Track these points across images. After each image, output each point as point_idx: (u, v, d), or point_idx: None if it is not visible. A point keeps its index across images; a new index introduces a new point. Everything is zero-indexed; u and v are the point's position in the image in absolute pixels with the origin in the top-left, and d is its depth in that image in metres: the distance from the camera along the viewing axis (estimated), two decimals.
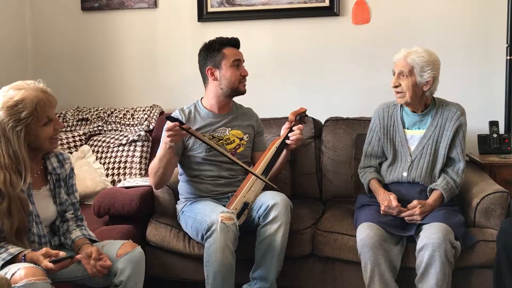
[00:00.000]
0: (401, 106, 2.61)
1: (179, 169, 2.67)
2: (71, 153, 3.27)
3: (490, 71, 3.24)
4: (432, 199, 2.45)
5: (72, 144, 3.34)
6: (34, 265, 1.78)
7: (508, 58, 3.08)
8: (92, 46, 3.70)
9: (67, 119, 3.50)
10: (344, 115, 3.16)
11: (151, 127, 3.37)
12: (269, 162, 2.56)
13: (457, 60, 3.24)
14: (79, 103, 3.63)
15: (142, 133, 3.27)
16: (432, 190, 2.48)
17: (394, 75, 2.53)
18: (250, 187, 2.49)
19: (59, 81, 3.68)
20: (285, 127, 2.58)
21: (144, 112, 3.46)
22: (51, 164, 2.08)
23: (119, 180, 3.13)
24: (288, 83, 3.50)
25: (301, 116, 2.61)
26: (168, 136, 2.31)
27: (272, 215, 2.37)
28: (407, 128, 2.60)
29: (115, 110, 3.52)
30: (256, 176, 2.49)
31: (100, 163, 3.24)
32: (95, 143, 3.33)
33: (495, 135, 3.05)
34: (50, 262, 1.80)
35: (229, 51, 2.57)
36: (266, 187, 2.55)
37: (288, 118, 2.61)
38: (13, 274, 1.72)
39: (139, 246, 2.08)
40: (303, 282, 2.59)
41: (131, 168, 3.17)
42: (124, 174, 3.16)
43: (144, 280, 2.10)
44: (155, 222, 2.68)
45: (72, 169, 2.16)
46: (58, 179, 2.09)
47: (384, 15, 3.34)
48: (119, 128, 3.45)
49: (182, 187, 2.66)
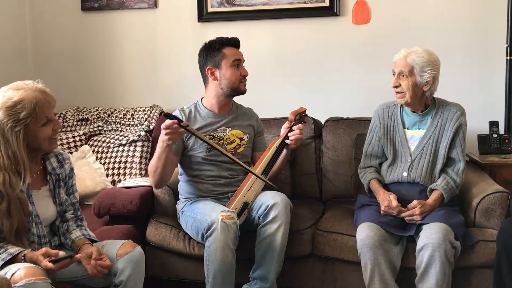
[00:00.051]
0: (401, 106, 2.61)
1: (179, 169, 2.67)
2: (71, 153, 3.27)
3: (490, 71, 3.24)
4: (432, 199, 2.45)
5: (72, 144, 3.34)
6: (34, 265, 1.78)
7: (508, 58, 3.08)
8: (92, 46, 3.70)
9: (67, 119, 3.50)
10: (344, 115, 3.16)
11: (151, 127, 3.37)
12: (269, 162, 2.56)
13: (457, 60, 3.24)
14: (79, 103, 3.63)
15: (142, 133, 3.27)
16: (432, 190, 2.48)
17: (394, 75, 2.53)
18: (250, 187, 2.49)
19: (59, 81, 3.70)
20: (285, 126, 2.58)
21: (144, 112, 3.46)
22: (51, 164, 2.08)
23: (119, 180, 3.13)
24: (288, 83, 3.50)
25: (300, 116, 2.61)
26: (166, 134, 2.30)
27: (272, 215, 2.37)
28: (407, 128, 2.60)
29: (115, 110, 3.52)
30: (256, 176, 2.49)
31: (100, 163, 3.24)
32: (95, 143, 3.33)
33: (495, 135, 3.05)
34: (49, 262, 1.80)
35: (229, 51, 2.58)
36: (266, 187, 2.55)
37: (288, 118, 2.61)
38: (13, 274, 1.72)
39: (139, 246, 2.08)
40: (303, 282, 2.59)
41: (131, 168, 3.17)
42: (124, 174, 3.17)
43: (144, 280, 2.10)
44: (155, 222, 2.68)
45: (72, 169, 2.16)
46: (57, 179, 2.09)
47: (384, 15, 3.34)
48: (119, 128, 3.45)
49: (182, 187, 2.66)
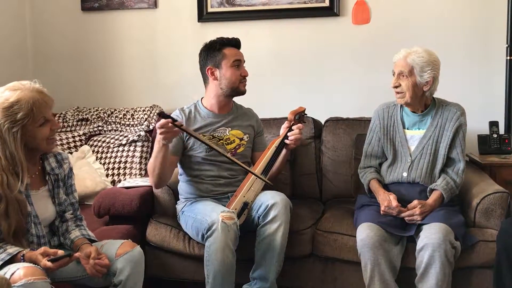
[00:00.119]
0: (401, 106, 2.61)
1: (179, 169, 2.66)
2: (71, 153, 3.27)
3: (490, 71, 3.24)
4: (432, 199, 2.44)
5: (72, 144, 3.34)
6: (33, 264, 1.78)
7: (508, 58, 3.08)
8: (92, 46, 3.70)
9: (67, 119, 3.50)
10: (344, 115, 3.16)
11: (151, 127, 3.37)
12: (268, 162, 2.56)
13: (457, 60, 3.24)
14: (79, 103, 3.63)
15: (142, 133, 3.27)
16: (432, 190, 2.48)
17: (394, 75, 2.52)
18: (250, 187, 2.49)
19: (59, 81, 3.70)
20: (284, 126, 2.58)
21: (144, 112, 3.46)
22: (49, 164, 2.08)
23: (119, 180, 3.13)
24: (288, 83, 3.50)
25: (300, 116, 2.61)
26: (160, 134, 2.29)
27: (271, 214, 2.37)
28: (407, 128, 2.60)
29: (115, 110, 3.52)
30: (255, 175, 2.48)
31: (100, 163, 3.24)
32: (95, 143, 3.33)
33: (495, 135, 3.05)
34: (48, 261, 1.79)
35: (229, 51, 2.58)
36: (266, 187, 2.55)
37: (287, 117, 2.61)
38: (12, 273, 1.72)
39: (138, 246, 2.08)
40: (303, 282, 2.59)
41: (131, 168, 3.17)
42: (124, 174, 3.16)
43: (144, 280, 2.09)
44: (155, 222, 2.68)
45: (71, 169, 2.15)
46: (56, 179, 2.09)
47: (384, 15, 3.34)
48: (119, 128, 3.45)
49: (182, 187, 2.66)
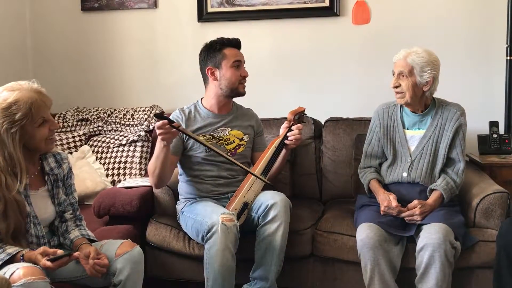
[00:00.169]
0: (401, 106, 2.61)
1: (179, 169, 2.66)
2: (71, 153, 3.27)
3: (490, 71, 3.24)
4: (432, 199, 2.44)
5: (72, 145, 3.34)
6: (33, 264, 1.78)
7: (508, 58, 3.07)
8: (92, 46, 3.70)
9: (67, 119, 3.50)
10: (344, 115, 3.16)
11: (151, 127, 3.36)
12: (268, 162, 2.56)
13: (457, 60, 3.23)
14: (79, 103, 3.63)
15: (142, 133, 3.27)
16: (432, 191, 2.47)
17: (394, 76, 2.52)
18: (250, 187, 2.49)
19: (59, 81, 3.70)
20: (284, 126, 2.58)
21: (144, 112, 3.46)
22: (49, 164, 2.07)
23: (119, 180, 3.13)
24: (288, 83, 3.50)
25: (300, 116, 2.61)
26: (159, 135, 2.30)
27: (271, 214, 2.37)
28: (407, 129, 2.60)
29: (115, 110, 3.52)
30: (254, 175, 2.48)
31: (100, 163, 3.23)
32: (95, 143, 3.33)
33: (495, 135, 3.05)
34: (48, 261, 1.79)
35: (229, 52, 2.58)
36: (266, 187, 2.54)
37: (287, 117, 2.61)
38: (12, 273, 1.71)
39: (138, 246, 2.07)
40: (303, 282, 2.59)
41: (131, 168, 3.17)
42: (124, 175, 3.16)
43: (144, 280, 2.09)
44: (155, 222, 2.68)
45: (70, 169, 2.15)
46: (56, 179, 2.09)
47: (384, 16, 3.34)
48: (119, 129, 3.45)
49: (182, 187, 2.66)
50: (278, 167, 2.64)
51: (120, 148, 3.25)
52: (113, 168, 3.20)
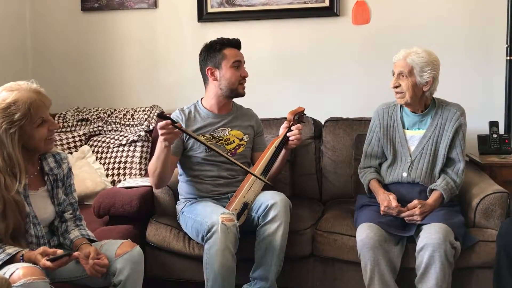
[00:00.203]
0: (401, 106, 2.61)
1: (179, 169, 2.66)
2: (71, 153, 3.27)
3: (490, 71, 3.24)
4: (432, 199, 2.44)
5: (72, 145, 3.34)
6: (33, 264, 1.78)
7: (508, 58, 3.07)
8: (92, 46, 3.70)
9: (67, 119, 3.50)
10: (344, 115, 3.16)
11: (151, 127, 3.37)
12: (268, 162, 2.56)
13: (457, 60, 3.23)
14: (79, 103, 3.63)
15: (142, 133, 3.27)
16: (432, 191, 2.47)
17: (393, 76, 2.52)
18: (249, 187, 2.49)
19: (59, 81, 3.70)
20: (283, 126, 2.58)
21: (144, 112, 3.46)
22: (48, 164, 2.07)
23: (119, 181, 3.13)
24: (288, 83, 3.50)
25: (299, 116, 2.61)
26: (161, 135, 2.30)
27: (271, 214, 2.37)
28: (407, 129, 2.60)
29: (115, 110, 3.52)
30: (254, 176, 2.48)
31: (100, 163, 3.24)
32: (95, 144, 3.33)
33: (495, 136, 3.05)
34: (48, 261, 1.79)
35: (229, 52, 2.58)
36: (266, 187, 2.54)
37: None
38: (11, 274, 1.71)
39: (138, 246, 2.07)
40: (303, 282, 2.59)
41: (131, 168, 3.17)
42: (124, 175, 3.16)
43: (144, 280, 2.09)
44: (155, 222, 2.68)
45: (70, 169, 2.15)
46: (55, 180, 2.08)
47: (384, 16, 3.34)
48: (119, 129, 3.45)
49: (182, 187, 2.66)
50: (278, 167, 2.64)
51: (120, 148, 3.25)
52: (113, 168, 3.20)
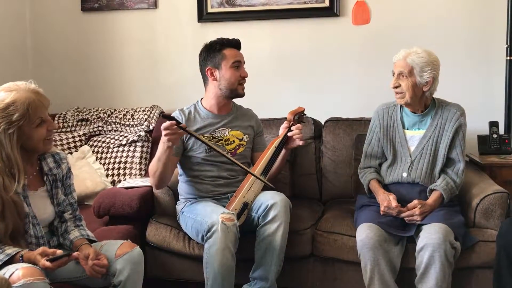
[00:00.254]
0: (400, 106, 2.61)
1: (179, 169, 2.66)
2: (71, 153, 3.27)
3: (490, 72, 3.23)
4: (432, 199, 2.44)
5: (72, 145, 3.34)
6: (32, 265, 1.77)
7: (508, 58, 3.07)
8: (92, 46, 3.70)
9: (67, 119, 3.50)
10: (344, 116, 3.16)
11: (151, 127, 3.37)
12: (268, 162, 2.56)
13: (457, 60, 3.23)
14: (79, 103, 3.63)
15: (142, 133, 3.27)
16: (432, 191, 2.47)
17: (393, 76, 2.52)
18: (249, 187, 2.49)
19: (59, 81, 3.70)
20: (283, 126, 2.58)
21: (144, 112, 3.46)
22: (47, 164, 2.07)
23: (119, 181, 3.13)
24: (288, 84, 3.50)
25: (299, 116, 2.62)
26: (165, 135, 2.30)
27: (271, 214, 2.37)
28: (407, 129, 2.60)
29: (115, 110, 3.52)
30: (254, 176, 2.48)
31: (100, 163, 3.24)
32: (95, 144, 3.33)
33: (495, 136, 3.05)
34: (47, 261, 1.79)
35: (229, 52, 2.58)
36: (266, 187, 2.54)
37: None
38: (11, 274, 1.71)
39: (138, 246, 2.07)
40: (303, 282, 2.59)
41: (131, 168, 3.17)
42: (124, 175, 3.16)
43: (144, 281, 2.09)
44: (155, 222, 2.68)
45: (69, 169, 2.14)
46: (55, 180, 2.08)
47: (384, 16, 3.34)
48: (119, 129, 3.45)
49: (181, 187, 2.66)
50: (277, 167, 2.64)
51: (120, 148, 3.25)
52: (113, 168, 3.20)
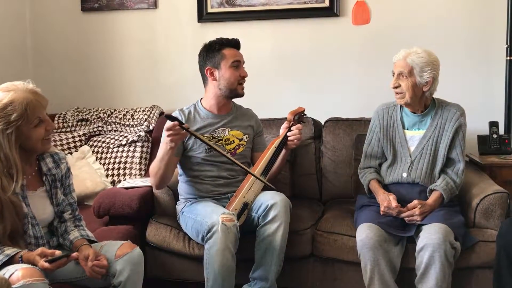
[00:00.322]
0: (400, 106, 2.61)
1: (179, 169, 2.66)
2: (71, 153, 3.27)
3: (490, 72, 3.23)
4: (432, 199, 2.44)
5: (72, 145, 3.34)
6: (32, 265, 1.77)
7: (508, 58, 3.07)
8: (92, 46, 3.70)
9: (67, 119, 3.50)
10: (344, 116, 3.16)
11: (151, 127, 3.37)
12: (268, 162, 2.56)
13: (457, 60, 3.23)
14: (79, 103, 3.63)
15: (142, 133, 3.27)
16: (431, 191, 2.47)
17: (393, 76, 2.52)
18: (249, 187, 2.49)
19: (59, 81, 3.70)
20: (283, 126, 2.58)
21: (144, 112, 3.46)
22: (46, 164, 2.06)
23: (119, 181, 3.13)
24: (288, 84, 3.50)
25: (299, 116, 2.62)
26: (168, 136, 2.30)
27: (271, 215, 2.37)
28: (407, 129, 2.60)
29: (115, 110, 3.52)
30: (254, 176, 2.48)
31: (100, 163, 3.24)
32: (95, 144, 3.33)
33: (495, 136, 3.05)
34: (46, 262, 1.78)
35: (229, 52, 2.57)
36: (266, 187, 2.54)
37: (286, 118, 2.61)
38: (10, 275, 1.71)
39: (138, 247, 2.07)
40: (303, 282, 2.59)
41: (131, 168, 3.17)
42: (124, 175, 3.16)
43: (144, 281, 2.09)
44: (155, 222, 2.68)
45: (68, 168, 2.14)
46: (54, 180, 2.08)
47: (384, 16, 3.34)
48: (119, 129, 3.45)
49: (181, 187, 2.66)
50: (278, 167, 2.64)
51: (120, 149, 3.25)
52: (113, 169, 3.20)
